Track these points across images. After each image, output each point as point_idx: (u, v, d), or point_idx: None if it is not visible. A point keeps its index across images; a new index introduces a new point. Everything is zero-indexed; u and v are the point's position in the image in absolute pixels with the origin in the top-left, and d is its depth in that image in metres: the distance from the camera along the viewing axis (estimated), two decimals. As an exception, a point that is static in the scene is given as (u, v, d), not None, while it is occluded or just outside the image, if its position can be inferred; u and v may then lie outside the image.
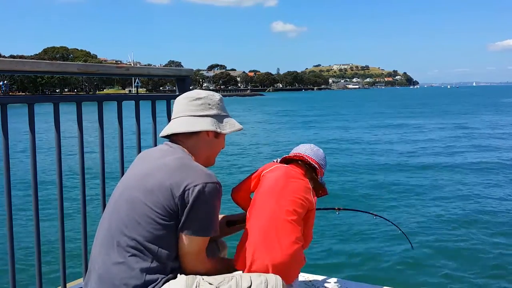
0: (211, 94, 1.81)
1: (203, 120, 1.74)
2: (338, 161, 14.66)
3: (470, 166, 13.53)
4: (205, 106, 1.76)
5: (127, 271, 1.53)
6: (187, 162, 1.63)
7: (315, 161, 1.96)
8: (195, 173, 1.58)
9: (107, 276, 1.55)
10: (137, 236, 1.54)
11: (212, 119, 1.75)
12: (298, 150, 2.03)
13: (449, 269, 5.91)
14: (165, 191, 1.54)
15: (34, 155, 2.01)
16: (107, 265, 1.56)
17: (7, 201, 1.93)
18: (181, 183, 1.54)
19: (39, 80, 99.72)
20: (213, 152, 1.81)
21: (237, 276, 1.60)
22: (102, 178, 2.31)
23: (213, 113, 1.76)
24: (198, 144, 1.75)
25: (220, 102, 1.81)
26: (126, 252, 1.54)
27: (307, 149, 2.01)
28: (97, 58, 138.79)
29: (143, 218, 1.54)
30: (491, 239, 6.98)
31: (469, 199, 9.55)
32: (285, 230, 1.71)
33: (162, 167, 1.60)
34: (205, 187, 1.55)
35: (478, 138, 20.45)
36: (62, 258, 2.16)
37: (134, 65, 70.66)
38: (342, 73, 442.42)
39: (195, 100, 1.76)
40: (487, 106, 51.85)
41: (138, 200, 1.56)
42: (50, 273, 2.76)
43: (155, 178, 1.57)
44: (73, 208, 7.49)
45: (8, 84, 76.04)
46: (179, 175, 1.56)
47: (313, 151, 2.01)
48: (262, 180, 1.89)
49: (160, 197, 1.54)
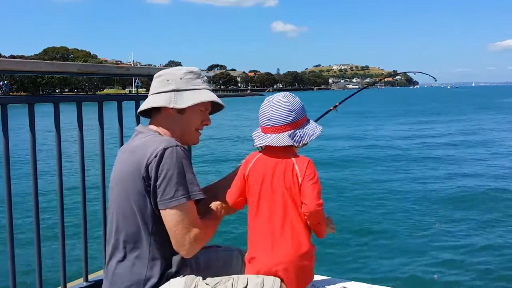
0: (176, 69, 1.73)
1: (158, 97, 1.68)
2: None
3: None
4: (163, 82, 1.69)
5: (127, 268, 1.55)
6: (149, 139, 1.59)
7: (283, 136, 1.64)
8: (152, 146, 1.53)
9: (112, 275, 1.58)
10: (128, 231, 1.55)
11: (168, 94, 1.66)
12: (259, 131, 1.73)
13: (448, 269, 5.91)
14: (133, 176, 1.53)
15: (34, 155, 2.02)
16: (113, 264, 1.60)
17: (7, 201, 1.93)
18: (142, 161, 1.51)
19: (39, 80, 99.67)
20: (184, 128, 1.71)
21: (234, 277, 1.57)
22: (102, 178, 2.32)
23: (171, 88, 1.67)
24: (164, 122, 1.69)
25: (185, 76, 1.69)
26: (124, 249, 1.57)
27: (266, 118, 1.68)
28: (97, 58, 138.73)
29: (128, 211, 1.55)
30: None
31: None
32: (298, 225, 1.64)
33: (128, 154, 1.60)
34: (163, 153, 1.50)
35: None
36: (62, 258, 2.16)
37: (134, 65, 70.66)
38: (342, 73, 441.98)
39: (157, 78, 1.72)
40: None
41: (120, 195, 1.58)
42: (50, 273, 2.75)
43: (125, 167, 1.57)
44: (73, 208, 7.48)
45: (8, 84, 76.04)
46: (139, 154, 1.54)
47: (274, 113, 1.66)
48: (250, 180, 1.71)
49: (132, 184, 1.53)
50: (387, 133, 23.98)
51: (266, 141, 1.67)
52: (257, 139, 1.71)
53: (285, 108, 1.67)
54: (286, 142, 1.64)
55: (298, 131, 1.68)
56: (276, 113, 1.67)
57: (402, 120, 33.16)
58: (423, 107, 52.61)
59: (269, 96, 1.75)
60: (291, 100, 1.71)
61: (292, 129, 1.67)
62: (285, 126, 1.67)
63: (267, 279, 1.56)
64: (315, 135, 1.71)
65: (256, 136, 1.73)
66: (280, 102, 1.69)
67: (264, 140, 1.68)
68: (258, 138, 1.71)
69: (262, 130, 1.72)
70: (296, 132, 1.67)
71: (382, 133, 24.10)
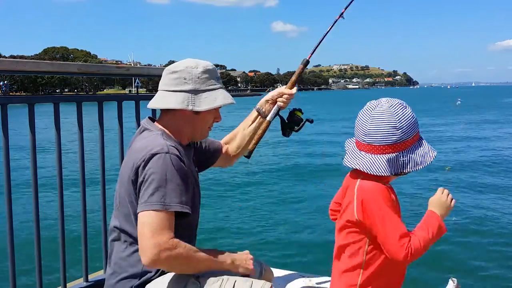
0: (192, 66, 1.62)
1: (174, 96, 1.59)
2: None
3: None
4: (179, 80, 1.60)
5: (126, 261, 1.58)
6: (148, 141, 1.55)
7: (375, 164, 1.31)
8: (145, 150, 1.50)
9: (114, 264, 1.63)
10: (127, 228, 1.58)
11: (186, 94, 1.59)
12: (350, 151, 1.43)
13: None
14: (128, 178, 1.53)
15: (34, 155, 2.02)
16: (114, 254, 1.64)
17: (7, 200, 1.93)
18: (134, 165, 1.51)
19: (39, 80, 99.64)
20: (197, 127, 1.67)
21: (224, 278, 1.54)
22: (103, 178, 2.32)
23: (188, 88, 1.59)
24: (176, 121, 1.64)
25: (202, 75, 1.61)
26: (124, 243, 1.60)
27: (362, 133, 1.36)
28: (97, 58, 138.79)
29: (126, 210, 1.57)
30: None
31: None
32: None
33: (128, 156, 1.60)
34: (151, 158, 1.48)
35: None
36: (62, 258, 2.16)
37: (134, 65, 70.78)
38: (342, 73, 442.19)
39: (171, 74, 1.62)
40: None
41: (121, 196, 1.59)
42: (50, 273, 2.76)
43: (124, 169, 1.58)
44: (73, 208, 7.48)
45: (8, 84, 76.07)
46: (134, 158, 1.53)
47: (373, 128, 1.33)
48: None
49: (127, 186, 1.54)
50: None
51: (356, 163, 1.35)
52: (347, 155, 1.43)
53: (389, 124, 1.31)
54: (381, 172, 1.30)
55: (401, 155, 1.31)
56: (375, 127, 1.33)
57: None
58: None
59: (372, 102, 1.40)
60: (400, 112, 1.33)
61: (394, 152, 1.32)
62: (385, 147, 1.32)
63: (256, 282, 1.53)
64: (423, 164, 1.33)
65: (348, 151, 1.44)
66: (383, 114, 1.33)
67: (354, 161, 1.37)
68: (349, 155, 1.42)
69: (356, 145, 1.41)
70: (399, 157, 1.31)
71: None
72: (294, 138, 20.69)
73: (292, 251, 6.51)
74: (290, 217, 8.37)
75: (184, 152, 1.62)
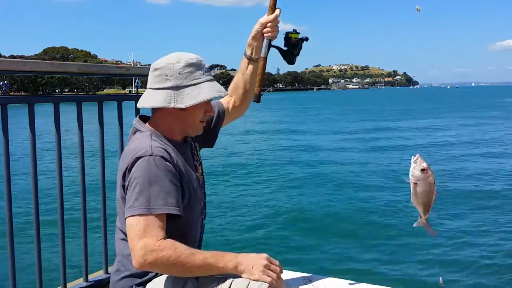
0: (173, 62, 1.58)
1: (157, 94, 1.58)
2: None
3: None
4: (161, 77, 1.58)
5: (128, 260, 1.56)
6: (137, 143, 1.55)
7: None
8: (131, 155, 1.50)
9: (118, 262, 1.66)
10: (125, 229, 1.57)
11: (168, 91, 1.56)
12: None
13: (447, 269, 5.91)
14: (119, 181, 1.55)
15: (34, 155, 2.01)
16: (118, 251, 1.66)
17: (7, 200, 1.93)
18: (122, 171, 1.53)
19: (39, 80, 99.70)
20: (187, 122, 1.64)
21: (221, 278, 1.52)
22: (102, 178, 2.32)
23: (169, 85, 1.56)
24: (165, 119, 1.63)
25: (184, 70, 1.57)
26: (126, 242, 1.58)
27: None
28: (97, 58, 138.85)
29: (122, 213, 1.58)
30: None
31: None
32: None
33: (121, 159, 1.60)
34: (135, 162, 1.48)
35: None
36: (62, 258, 2.16)
37: (134, 65, 70.68)
38: (342, 73, 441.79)
39: (154, 71, 1.61)
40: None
41: (117, 198, 1.60)
42: (50, 273, 2.76)
43: (118, 173, 1.59)
44: (73, 208, 7.49)
45: (8, 84, 76.02)
46: (124, 161, 1.54)
47: None
48: None
49: (121, 192, 1.56)
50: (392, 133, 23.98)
51: None
52: None
53: None
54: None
55: None
56: None
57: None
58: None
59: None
60: None
61: None
62: None
63: (252, 282, 1.48)
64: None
65: None
66: None
67: None
68: None
69: None
70: None
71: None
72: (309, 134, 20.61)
73: (292, 251, 6.52)
74: (292, 216, 8.38)
75: (177, 149, 1.61)
